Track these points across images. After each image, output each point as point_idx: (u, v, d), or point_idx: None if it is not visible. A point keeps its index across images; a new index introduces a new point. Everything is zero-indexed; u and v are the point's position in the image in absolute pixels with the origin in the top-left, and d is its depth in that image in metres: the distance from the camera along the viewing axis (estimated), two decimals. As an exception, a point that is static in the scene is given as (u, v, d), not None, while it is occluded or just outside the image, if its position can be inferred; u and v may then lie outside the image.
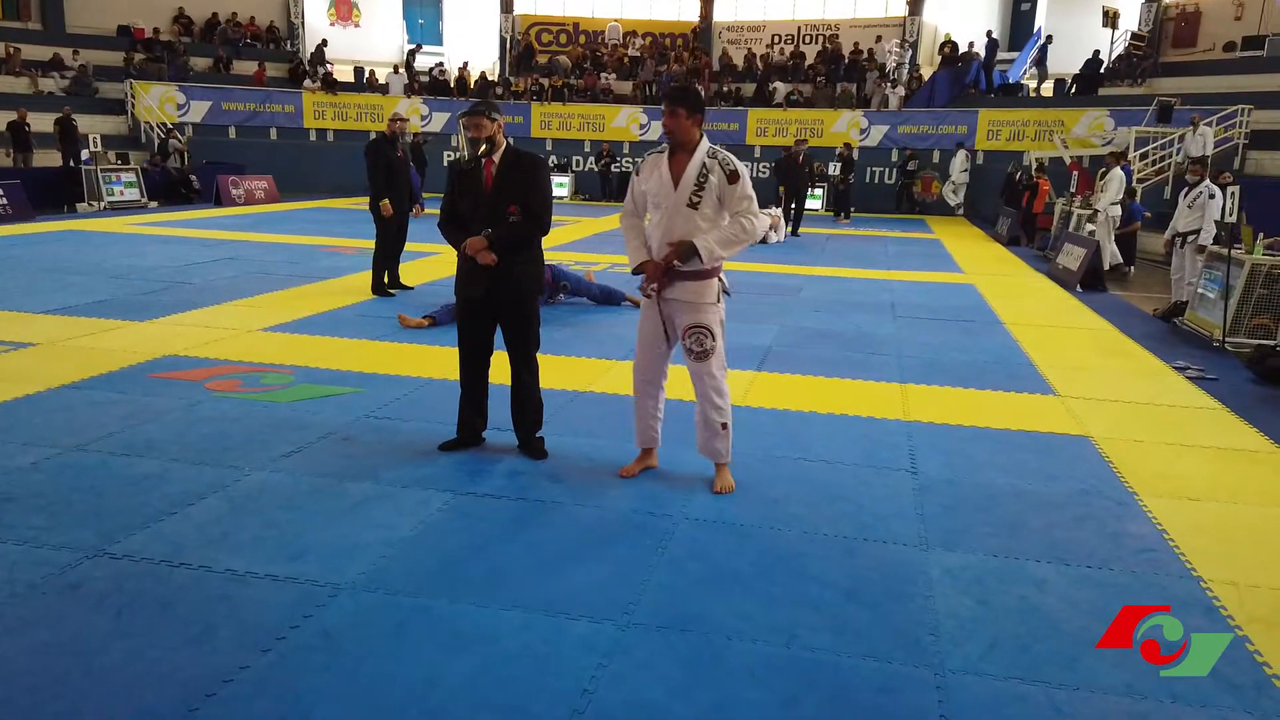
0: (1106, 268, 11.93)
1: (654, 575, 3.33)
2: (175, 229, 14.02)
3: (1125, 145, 16.75)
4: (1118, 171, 12.12)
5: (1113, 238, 12.17)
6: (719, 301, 4.03)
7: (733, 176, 3.88)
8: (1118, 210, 12.10)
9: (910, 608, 3.15)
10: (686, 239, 3.88)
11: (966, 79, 22.85)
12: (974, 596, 3.24)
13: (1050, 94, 22.85)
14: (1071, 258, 11.44)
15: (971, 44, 23.91)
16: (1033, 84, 23.66)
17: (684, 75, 24.52)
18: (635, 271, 4.07)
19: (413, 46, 26.42)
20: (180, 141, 20.37)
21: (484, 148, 4.22)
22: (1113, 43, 22.76)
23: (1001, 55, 24.54)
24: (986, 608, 3.16)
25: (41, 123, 18.02)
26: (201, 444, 4.49)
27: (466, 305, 4.38)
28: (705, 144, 3.93)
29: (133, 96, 21.86)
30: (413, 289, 8.97)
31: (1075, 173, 16.25)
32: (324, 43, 25.81)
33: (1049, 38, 22.91)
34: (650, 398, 4.24)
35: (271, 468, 4.22)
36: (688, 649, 2.86)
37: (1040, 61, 22.86)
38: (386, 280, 8.88)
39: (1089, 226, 12.49)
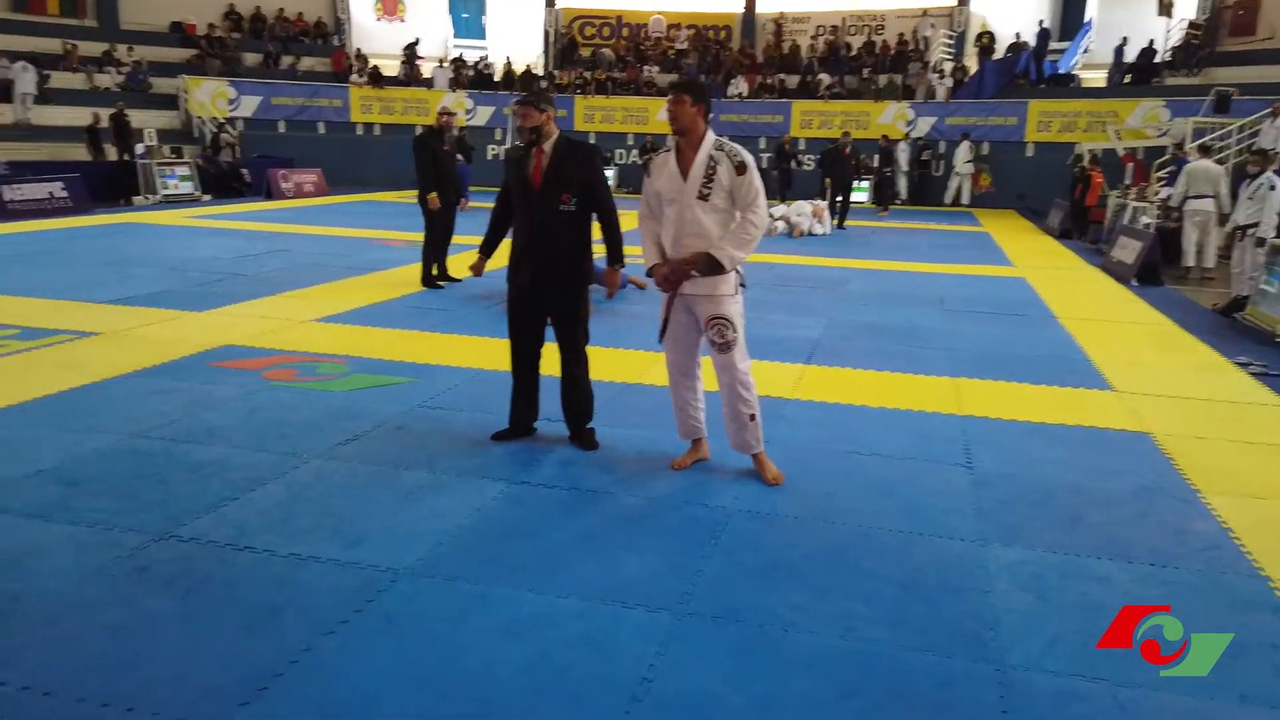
0: (1189, 265, 11.40)
1: (707, 565, 3.33)
2: (228, 221, 14.28)
3: (1182, 136, 16.36)
4: (1200, 164, 11.58)
5: (1212, 234, 11.53)
6: (737, 293, 4.04)
7: (740, 168, 3.88)
8: (1208, 205, 11.43)
9: (968, 602, 3.11)
10: (701, 251, 3.89)
11: (1016, 69, 22.45)
12: (1033, 592, 3.20)
13: (1103, 84, 22.37)
14: (1127, 251, 11.21)
15: (1018, 34, 23.47)
16: (1086, 74, 23.16)
17: (727, 67, 24.41)
18: (648, 273, 4.12)
19: (456, 56, 26.44)
20: (231, 135, 20.72)
21: (532, 137, 4.25)
22: (1168, 31, 22.22)
23: (1053, 45, 24.04)
24: (1047, 604, 3.12)
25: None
26: (261, 431, 4.58)
27: (515, 295, 4.42)
28: (711, 136, 3.95)
29: (185, 92, 22.28)
30: (461, 281, 9.05)
31: (1130, 164, 15.92)
32: (416, 41, 25.91)
33: (1124, 39, 22.20)
34: (687, 389, 4.25)
35: (329, 455, 4.29)
36: (743, 639, 2.86)
37: (1120, 63, 22.12)
38: (435, 272, 8.97)
39: (1144, 219, 12.22)
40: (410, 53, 25.45)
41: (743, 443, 4.16)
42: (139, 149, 17.33)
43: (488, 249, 4.60)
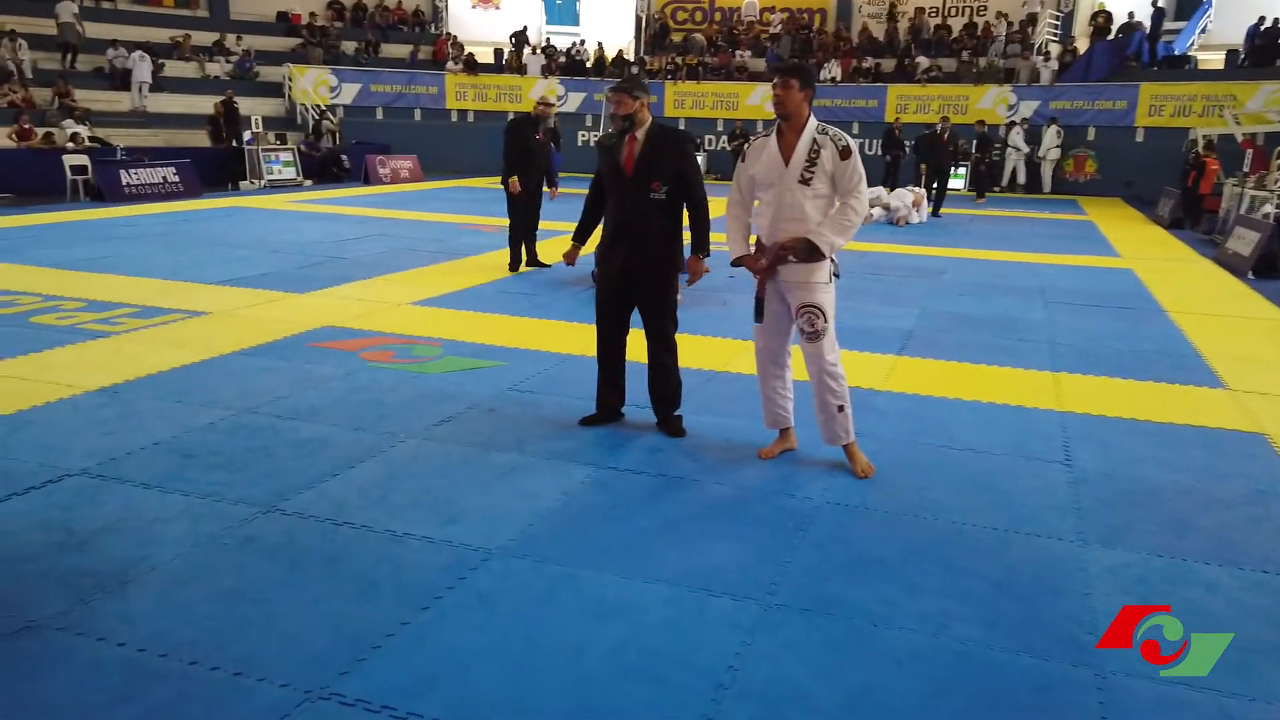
0: None
1: (796, 557, 3.31)
2: (328, 206, 14.73)
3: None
4: None
5: None
6: (830, 282, 3.99)
7: (844, 153, 3.82)
8: None
9: (1066, 604, 3.02)
10: (800, 235, 3.86)
11: (1127, 50, 21.48)
12: (1137, 596, 3.09)
13: (1221, 66, 21.22)
14: (1243, 242, 10.65)
15: (1131, 14, 22.42)
16: (1203, 55, 21.96)
17: (821, 50, 24.00)
18: (734, 264, 4.09)
19: (547, 42, 26.70)
20: (332, 122, 21.34)
21: (625, 124, 4.26)
22: (1295, 8, 20.92)
23: (1168, 25, 22.88)
24: (1150, 609, 3.01)
25: (207, 105, 19.26)
26: (359, 411, 4.73)
27: (604, 281, 4.45)
28: (814, 121, 3.90)
29: (289, 80, 23.01)
30: (550, 267, 9.15)
31: (1248, 150, 15.10)
32: (524, 29, 26.26)
33: (1261, 18, 20.81)
34: (775, 378, 4.22)
35: (424, 436, 4.41)
36: (832, 633, 2.83)
37: (1253, 43, 20.64)
38: (525, 258, 9.09)
39: (1264, 209, 11.59)
40: (520, 39, 25.75)
41: (831, 434, 4.12)
42: (246, 136, 18.01)
43: (581, 236, 4.62)
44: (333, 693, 2.47)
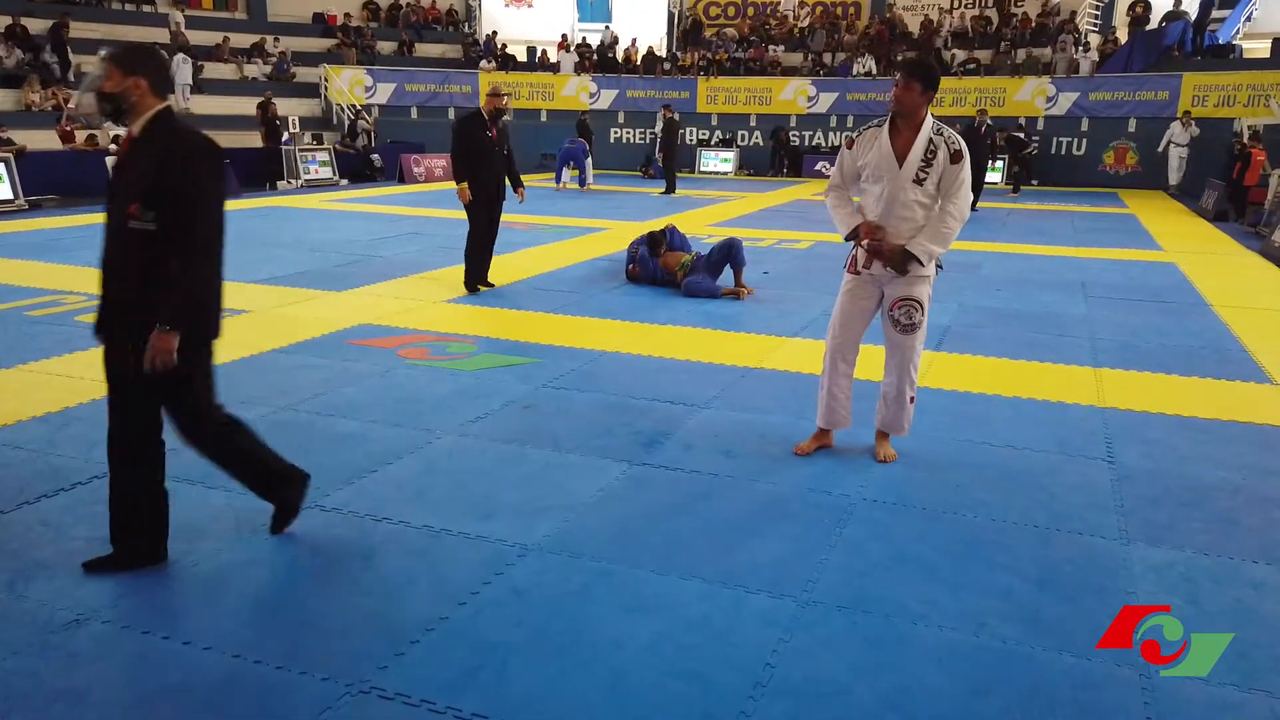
0: None
1: (833, 554, 3.29)
2: (364, 205, 14.87)
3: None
4: None
5: None
6: (933, 275, 3.97)
7: (956, 156, 3.78)
8: None
9: (1110, 603, 2.97)
10: (899, 246, 3.84)
11: (1170, 40, 21.06)
12: (1182, 596, 3.03)
13: (1267, 54, 20.73)
14: (1290, 234, 10.41)
15: (1178, 1, 21.96)
16: (1248, 44, 21.48)
17: (856, 45, 23.83)
18: (848, 238, 4.00)
19: (586, 39, 26.78)
20: (368, 122, 21.53)
21: (105, 107, 2.84)
22: (1345, -6, 20.40)
23: (1213, 14, 22.37)
24: (1197, 608, 2.95)
25: (246, 106, 19.50)
26: (396, 407, 4.77)
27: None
28: (931, 120, 3.84)
29: (325, 80, 23.24)
30: (499, 288, 8.00)
31: (1296, 141, 14.75)
32: (635, 39, 26.63)
33: None
34: (844, 376, 4.17)
35: (460, 432, 4.43)
36: (870, 630, 2.81)
37: None
38: (476, 277, 7.83)
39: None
40: (611, 41, 25.79)
41: (897, 423, 4.14)
42: (284, 136, 18.20)
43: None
44: (373, 686, 2.49)
